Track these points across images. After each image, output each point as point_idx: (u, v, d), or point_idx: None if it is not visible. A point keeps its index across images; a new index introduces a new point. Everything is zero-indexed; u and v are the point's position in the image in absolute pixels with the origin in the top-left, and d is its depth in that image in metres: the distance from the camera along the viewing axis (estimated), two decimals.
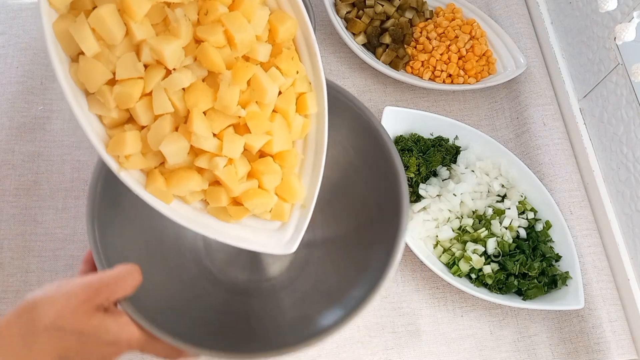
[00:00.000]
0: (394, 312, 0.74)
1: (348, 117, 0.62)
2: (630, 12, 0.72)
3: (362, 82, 0.88)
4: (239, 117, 0.50)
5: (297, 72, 0.53)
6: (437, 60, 0.86)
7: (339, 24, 0.86)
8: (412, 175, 0.77)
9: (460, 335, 0.74)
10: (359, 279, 0.60)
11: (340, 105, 0.62)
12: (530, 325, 0.75)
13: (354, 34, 0.87)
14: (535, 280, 0.73)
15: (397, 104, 0.87)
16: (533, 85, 0.87)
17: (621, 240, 0.77)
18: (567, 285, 0.73)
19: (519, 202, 0.78)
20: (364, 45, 0.88)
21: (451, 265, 0.74)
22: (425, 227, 0.76)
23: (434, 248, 0.76)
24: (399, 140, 0.79)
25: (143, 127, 0.49)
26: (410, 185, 0.77)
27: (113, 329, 0.48)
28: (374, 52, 0.88)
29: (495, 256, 0.74)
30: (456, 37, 0.87)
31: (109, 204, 0.57)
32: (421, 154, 0.79)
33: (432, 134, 0.81)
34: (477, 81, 0.87)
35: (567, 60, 0.88)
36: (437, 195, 0.77)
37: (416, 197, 0.78)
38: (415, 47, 0.88)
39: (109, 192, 0.57)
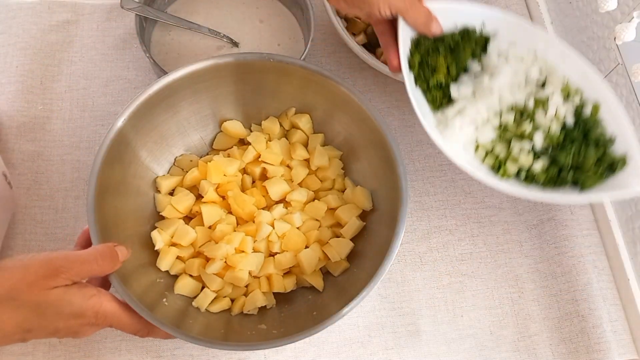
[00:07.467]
0: (394, 312, 0.74)
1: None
2: (630, 12, 0.72)
3: (362, 82, 0.88)
4: None
5: None
6: None
7: (339, 24, 0.86)
8: (442, 78, 0.69)
9: (460, 335, 0.74)
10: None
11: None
12: (530, 325, 0.75)
13: (354, 34, 0.87)
14: (592, 169, 0.65)
15: (397, 104, 0.87)
16: None
17: (621, 240, 0.77)
18: (626, 166, 0.64)
19: (562, 87, 0.69)
20: (364, 45, 0.88)
21: (497, 168, 0.66)
22: (463, 131, 0.67)
23: (475, 152, 0.68)
24: (421, 41, 0.69)
25: None
26: (441, 88, 0.69)
27: (76, 301, 0.48)
28: (374, 52, 0.88)
29: (544, 150, 0.66)
30: None
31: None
32: (448, 52, 0.70)
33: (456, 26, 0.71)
34: None
35: None
36: (471, 95, 0.69)
37: (448, 100, 0.69)
38: None
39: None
